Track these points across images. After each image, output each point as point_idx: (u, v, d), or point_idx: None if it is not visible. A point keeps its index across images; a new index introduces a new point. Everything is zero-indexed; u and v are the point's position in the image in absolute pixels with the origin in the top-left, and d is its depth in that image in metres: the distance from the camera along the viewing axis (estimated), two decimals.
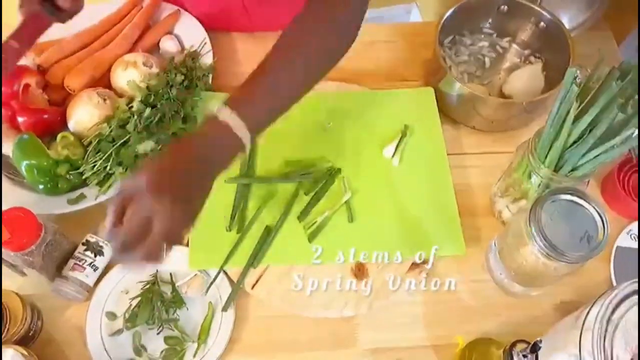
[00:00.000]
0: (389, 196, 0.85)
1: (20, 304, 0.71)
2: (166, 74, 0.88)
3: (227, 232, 0.81)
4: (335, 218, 0.83)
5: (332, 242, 0.81)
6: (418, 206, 0.85)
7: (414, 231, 0.83)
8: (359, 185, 0.86)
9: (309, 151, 0.88)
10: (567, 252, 0.64)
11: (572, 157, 0.68)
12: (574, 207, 0.67)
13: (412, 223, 0.83)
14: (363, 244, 0.81)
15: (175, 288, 0.77)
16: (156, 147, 0.82)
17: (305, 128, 0.91)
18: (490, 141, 0.93)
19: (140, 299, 0.76)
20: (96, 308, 0.76)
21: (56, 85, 0.89)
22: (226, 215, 0.82)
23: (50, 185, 0.79)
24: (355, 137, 0.90)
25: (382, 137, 0.90)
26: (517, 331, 0.78)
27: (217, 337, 0.75)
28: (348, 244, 0.81)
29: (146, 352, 0.74)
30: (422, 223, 0.83)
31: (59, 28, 0.95)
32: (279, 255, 0.81)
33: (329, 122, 0.91)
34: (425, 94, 0.94)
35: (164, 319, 0.75)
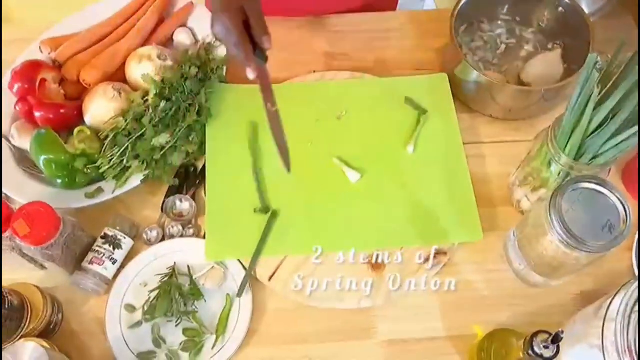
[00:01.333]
0: (404, 185, 0.85)
1: (40, 297, 0.72)
2: (180, 67, 0.88)
3: (243, 222, 0.81)
4: (348, 209, 0.83)
5: (344, 233, 0.81)
6: (434, 195, 0.84)
7: (430, 220, 0.82)
8: (373, 174, 0.85)
9: (322, 141, 0.88)
10: (588, 242, 0.63)
11: (594, 144, 0.66)
12: (595, 196, 0.66)
13: (428, 212, 0.83)
14: (378, 234, 0.81)
15: (193, 280, 0.77)
16: (172, 140, 0.82)
17: (319, 117, 0.90)
18: (508, 130, 0.92)
19: (159, 291, 0.76)
20: (115, 301, 0.76)
21: (72, 79, 0.90)
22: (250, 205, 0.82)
23: (68, 179, 0.80)
24: (369, 125, 0.90)
25: (396, 125, 0.89)
26: (535, 321, 0.78)
27: (235, 329, 0.75)
28: (362, 234, 0.81)
29: (165, 344, 0.75)
30: (438, 212, 0.83)
31: (73, 23, 0.97)
32: (293, 246, 0.80)
33: (342, 111, 0.90)
34: (439, 80, 0.93)
35: (182, 311, 0.75)
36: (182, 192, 0.85)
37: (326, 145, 0.88)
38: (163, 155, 0.83)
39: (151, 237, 0.82)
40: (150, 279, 0.78)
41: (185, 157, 0.85)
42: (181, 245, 0.80)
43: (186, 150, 0.84)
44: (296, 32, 1.01)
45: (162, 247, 0.80)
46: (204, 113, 0.87)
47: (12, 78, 0.87)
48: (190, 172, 0.87)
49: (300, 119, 0.89)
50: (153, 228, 0.82)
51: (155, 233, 0.82)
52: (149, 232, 0.82)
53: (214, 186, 0.84)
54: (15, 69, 0.87)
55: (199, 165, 0.88)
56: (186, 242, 0.80)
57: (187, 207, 0.83)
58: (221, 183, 0.84)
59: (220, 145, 0.87)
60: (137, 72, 0.88)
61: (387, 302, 0.78)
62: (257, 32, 0.73)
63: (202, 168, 0.87)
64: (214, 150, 0.86)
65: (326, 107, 0.91)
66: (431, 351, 0.76)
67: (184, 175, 0.86)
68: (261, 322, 0.77)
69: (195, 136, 0.86)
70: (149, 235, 0.82)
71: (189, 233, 0.82)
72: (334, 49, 1.00)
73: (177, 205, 0.83)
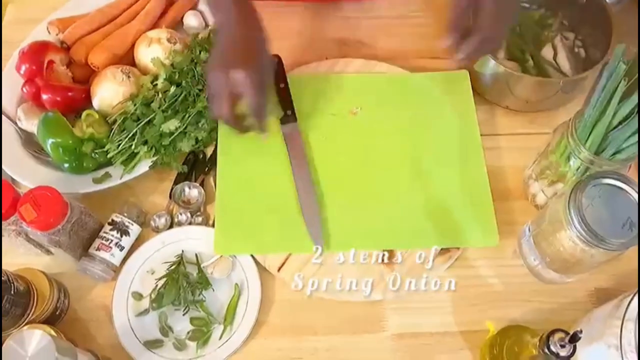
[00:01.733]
0: (420, 186, 0.82)
1: (47, 282, 0.71)
2: (190, 51, 0.86)
3: (256, 215, 0.80)
4: (360, 208, 0.81)
5: (355, 232, 0.79)
6: (451, 197, 0.82)
7: (446, 222, 0.80)
8: (388, 171, 0.83)
9: (337, 137, 0.86)
10: (608, 239, 0.61)
11: (616, 139, 0.64)
12: (616, 192, 0.64)
13: (444, 214, 0.81)
14: (392, 234, 0.79)
15: (201, 269, 0.76)
16: (181, 126, 0.81)
17: (334, 112, 0.88)
18: (524, 122, 0.90)
19: (166, 279, 0.75)
20: (122, 288, 0.75)
21: (80, 62, 0.88)
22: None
23: (76, 164, 0.79)
24: (385, 121, 0.87)
25: (413, 124, 0.87)
26: (549, 318, 0.76)
27: (243, 319, 0.74)
28: (376, 234, 0.79)
29: (172, 333, 0.74)
30: (454, 215, 0.80)
31: (82, 4, 0.95)
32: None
33: (357, 106, 0.88)
34: (460, 78, 0.90)
35: (189, 300, 0.74)
36: (191, 178, 0.83)
37: (341, 141, 0.86)
38: (172, 141, 0.81)
39: (159, 224, 0.80)
40: (158, 266, 0.77)
41: (195, 144, 0.83)
42: (190, 233, 0.79)
43: (195, 136, 0.83)
44: (308, 19, 0.99)
45: (170, 234, 0.79)
46: None
47: (19, 59, 0.85)
48: (199, 159, 0.85)
49: (315, 111, 0.87)
50: (161, 215, 0.81)
51: (164, 220, 0.81)
52: (156, 219, 0.81)
53: (225, 176, 0.82)
54: (23, 50, 0.86)
55: (208, 152, 0.86)
56: (195, 229, 0.79)
57: (196, 194, 0.81)
58: (232, 173, 0.82)
59: (232, 132, 0.85)
60: (147, 55, 0.86)
61: (398, 296, 0.77)
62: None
63: (212, 155, 0.85)
64: (225, 140, 0.84)
65: (341, 102, 0.88)
66: (442, 346, 0.75)
67: (192, 162, 0.85)
68: (269, 313, 0.76)
69: (205, 122, 0.84)
70: (156, 222, 0.80)
71: (198, 220, 0.81)
72: (347, 35, 0.98)
73: (186, 192, 0.82)
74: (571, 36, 0.93)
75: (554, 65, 0.89)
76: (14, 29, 0.94)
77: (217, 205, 0.80)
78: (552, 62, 0.90)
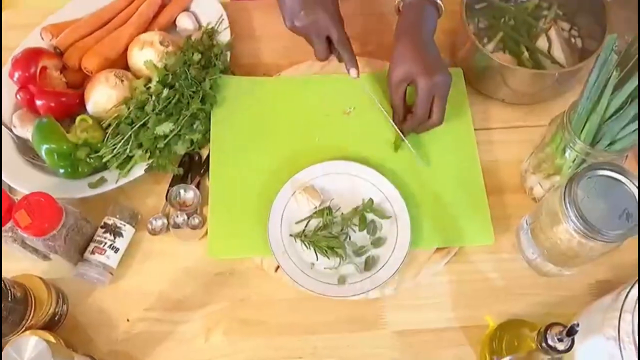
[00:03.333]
0: (415, 186, 0.82)
1: (44, 288, 0.72)
2: (183, 53, 0.86)
3: (249, 216, 0.80)
4: None
5: None
6: (445, 197, 0.81)
7: (442, 222, 0.80)
8: (382, 170, 0.82)
9: (330, 137, 0.85)
10: (604, 231, 0.61)
11: (611, 130, 0.64)
12: (612, 183, 0.63)
13: (440, 214, 0.80)
14: None
15: None
16: (175, 128, 0.81)
17: (328, 112, 0.87)
18: (520, 114, 0.89)
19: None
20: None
21: (73, 67, 0.88)
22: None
23: (71, 169, 0.79)
24: (378, 121, 0.86)
25: None
26: (549, 312, 0.76)
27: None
28: None
29: None
30: (449, 215, 0.80)
31: (74, 9, 0.95)
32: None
33: (350, 106, 0.88)
34: (453, 75, 0.89)
35: None
36: (187, 180, 0.83)
37: (335, 141, 0.85)
38: (167, 144, 0.81)
39: (156, 226, 0.80)
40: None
41: (190, 146, 0.83)
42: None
43: (190, 138, 0.83)
44: None
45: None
46: (208, 101, 0.85)
47: (12, 66, 0.85)
48: (195, 161, 0.85)
49: (309, 112, 0.87)
50: (158, 217, 0.81)
51: (160, 222, 0.81)
52: (153, 222, 0.81)
53: (218, 177, 0.82)
54: (16, 57, 0.86)
55: (204, 154, 0.86)
56: None
57: (192, 196, 0.81)
58: (225, 175, 0.82)
59: (225, 134, 0.85)
60: (140, 58, 0.86)
61: (396, 293, 0.77)
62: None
63: (207, 156, 0.85)
64: (218, 140, 0.84)
65: (335, 102, 0.88)
66: (442, 342, 0.75)
67: (188, 164, 0.85)
68: (268, 313, 0.76)
69: (200, 124, 0.84)
70: (153, 224, 0.80)
71: (194, 222, 0.81)
72: None
73: (181, 195, 0.82)
74: (567, 27, 0.92)
75: (549, 57, 0.89)
76: (8, 35, 0.94)
77: (211, 207, 0.80)
78: (547, 53, 0.89)
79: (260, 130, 0.86)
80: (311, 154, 0.83)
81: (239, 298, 0.77)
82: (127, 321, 0.76)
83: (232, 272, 0.79)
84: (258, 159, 0.84)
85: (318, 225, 0.79)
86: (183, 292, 0.78)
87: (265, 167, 0.83)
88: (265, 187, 0.81)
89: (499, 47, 0.91)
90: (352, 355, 0.75)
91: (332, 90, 0.89)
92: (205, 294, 0.78)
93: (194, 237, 0.80)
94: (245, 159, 0.83)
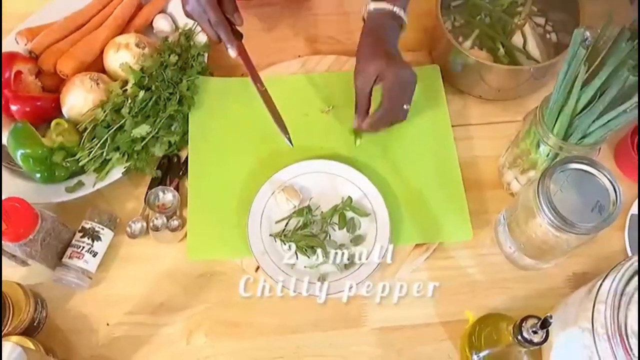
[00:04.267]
0: (394, 182, 0.82)
1: (22, 294, 0.71)
2: (160, 55, 0.86)
3: (227, 217, 0.80)
4: None
5: None
6: (424, 193, 0.82)
7: (420, 219, 0.80)
8: (360, 168, 0.82)
9: (309, 137, 0.85)
10: (577, 224, 0.62)
11: (582, 124, 0.64)
12: (584, 176, 0.64)
13: (418, 211, 0.81)
14: None
15: None
16: (152, 130, 0.80)
17: (305, 113, 0.87)
18: (498, 110, 0.90)
19: None
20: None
21: (49, 71, 0.87)
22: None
23: (47, 173, 0.78)
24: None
25: None
26: (528, 305, 0.77)
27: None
28: None
29: None
30: (428, 211, 0.81)
31: (50, 12, 0.94)
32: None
33: (329, 105, 0.88)
34: (430, 72, 0.90)
35: None
36: (166, 183, 0.83)
37: (314, 140, 0.85)
38: (144, 146, 0.81)
39: (135, 229, 0.80)
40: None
41: (168, 148, 0.83)
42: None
43: (168, 140, 0.83)
44: (278, 17, 0.99)
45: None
46: (186, 102, 0.85)
47: None
48: (174, 163, 0.85)
49: (288, 112, 0.86)
50: (137, 220, 0.81)
51: (140, 225, 0.80)
52: (132, 225, 0.80)
53: (197, 179, 0.82)
54: None
55: (183, 155, 0.86)
56: None
57: (171, 198, 0.81)
58: (204, 177, 0.82)
59: (204, 135, 0.85)
60: (115, 61, 0.85)
61: (377, 290, 0.77)
62: (228, 8, 0.75)
63: (186, 158, 0.85)
64: (196, 142, 0.84)
65: (313, 101, 0.88)
66: (423, 337, 0.75)
67: (167, 166, 0.84)
68: (251, 314, 0.76)
69: (178, 126, 0.84)
70: (132, 228, 0.80)
71: (174, 225, 0.80)
72: (318, 32, 0.98)
73: (160, 197, 0.81)
74: (542, 21, 0.93)
75: (524, 53, 0.89)
76: None
77: (190, 209, 0.80)
78: (522, 49, 0.90)
79: (239, 130, 0.86)
80: (290, 153, 0.83)
81: (220, 299, 0.77)
82: (108, 325, 0.75)
83: (213, 274, 0.79)
84: (237, 159, 0.83)
85: (297, 224, 0.79)
86: (164, 295, 0.78)
87: (244, 168, 0.83)
88: (244, 187, 0.81)
89: (475, 44, 0.92)
90: (334, 353, 0.75)
91: (311, 90, 0.89)
92: (186, 296, 0.78)
93: (173, 240, 0.80)
94: (224, 160, 0.83)
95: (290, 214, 0.79)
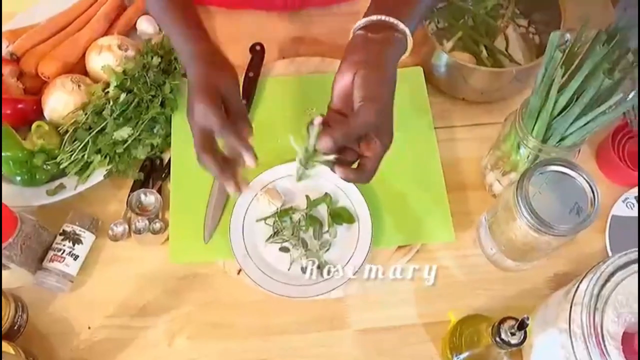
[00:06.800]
0: (376, 185, 0.81)
1: (1, 298, 0.70)
2: (142, 57, 0.86)
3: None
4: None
5: None
6: (406, 195, 0.82)
7: (402, 221, 0.80)
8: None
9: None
10: (555, 225, 0.62)
11: (560, 126, 0.65)
12: (562, 178, 0.65)
13: (401, 213, 0.81)
14: None
15: None
16: (134, 133, 0.80)
17: (288, 115, 0.87)
18: (481, 112, 0.90)
19: None
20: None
21: (31, 73, 0.87)
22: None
23: (28, 176, 0.78)
24: None
25: None
26: (510, 305, 0.77)
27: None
28: None
29: None
30: (410, 213, 0.81)
31: (31, 14, 0.94)
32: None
33: (312, 107, 0.88)
34: (413, 74, 0.90)
35: None
36: (148, 185, 0.83)
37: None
38: (126, 149, 0.81)
39: (117, 232, 0.80)
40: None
41: (150, 150, 0.83)
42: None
43: (150, 143, 0.82)
44: (264, 19, 0.99)
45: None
46: (168, 105, 0.85)
47: None
48: (156, 165, 0.85)
49: (271, 114, 0.86)
50: (119, 223, 0.80)
51: (122, 228, 0.80)
52: (114, 228, 0.80)
53: (179, 183, 0.82)
54: None
55: (165, 158, 0.85)
56: None
57: (153, 200, 0.81)
58: (186, 180, 0.82)
59: (186, 138, 0.83)
60: (97, 63, 0.85)
61: (360, 291, 0.77)
62: (238, 120, 0.64)
63: (169, 161, 0.84)
64: (179, 144, 0.84)
65: (296, 104, 0.88)
66: (405, 339, 0.75)
67: (149, 168, 0.84)
68: (234, 316, 0.76)
69: (160, 128, 0.84)
70: (114, 230, 0.80)
71: (156, 227, 0.80)
72: (303, 34, 0.98)
73: (142, 200, 0.81)
74: (525, 23, 0.94)
75: (507, 55, 0.90)
76: None
77: (172, 212, 0.80)
78: (504, 52, 0.90)
79: None
80: (273, 155, 0.83)
81: (203, 302, 0.77)
82: (89, 329, 0.75)
83: (196, 276, 0.79)
84: None
85: (277, 227, 0.79)
86: (146, 297, 0.77)
87: None
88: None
89: (458, 47, 0.92)
90: (317, 355, 0.75)
91: (294, 92, 0.89)
92: (168, 298, 0.77)
93: (155, 242, 0.80)
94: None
95: (271, 215, 0.79)
